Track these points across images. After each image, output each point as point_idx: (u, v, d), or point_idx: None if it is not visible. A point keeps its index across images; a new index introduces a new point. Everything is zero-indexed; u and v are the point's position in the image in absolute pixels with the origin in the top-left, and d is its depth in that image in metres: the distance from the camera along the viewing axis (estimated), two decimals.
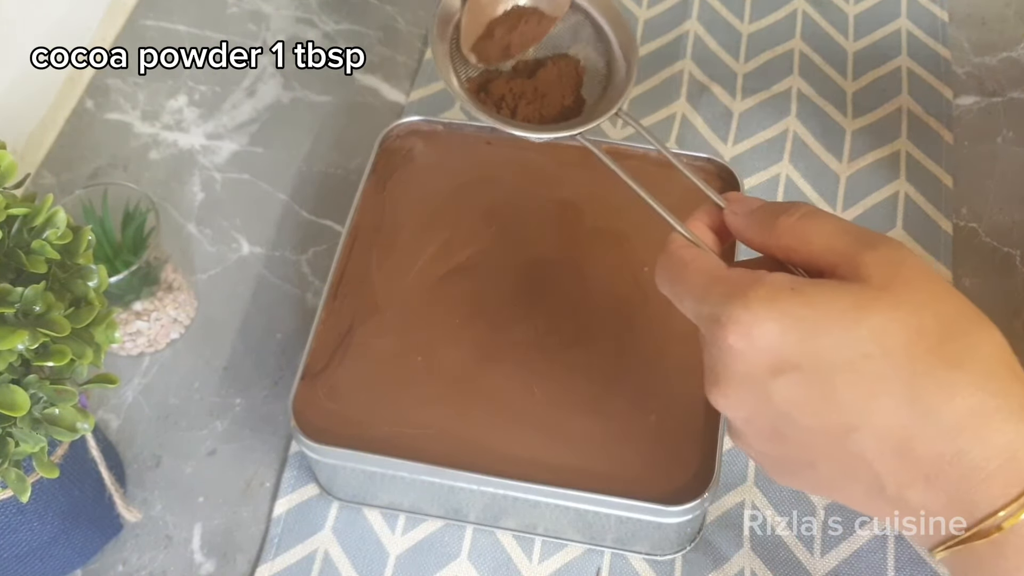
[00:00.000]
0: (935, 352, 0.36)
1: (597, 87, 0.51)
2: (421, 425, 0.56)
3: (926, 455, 0.36)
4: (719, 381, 0.39)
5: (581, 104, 0.51)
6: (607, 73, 0.51)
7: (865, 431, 0.36)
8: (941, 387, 0.35)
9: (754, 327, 0.37)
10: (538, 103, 0.50)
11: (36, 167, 0.76)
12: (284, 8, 0.85)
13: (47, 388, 0.45)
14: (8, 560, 0.55)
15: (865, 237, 0.38)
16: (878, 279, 0.37)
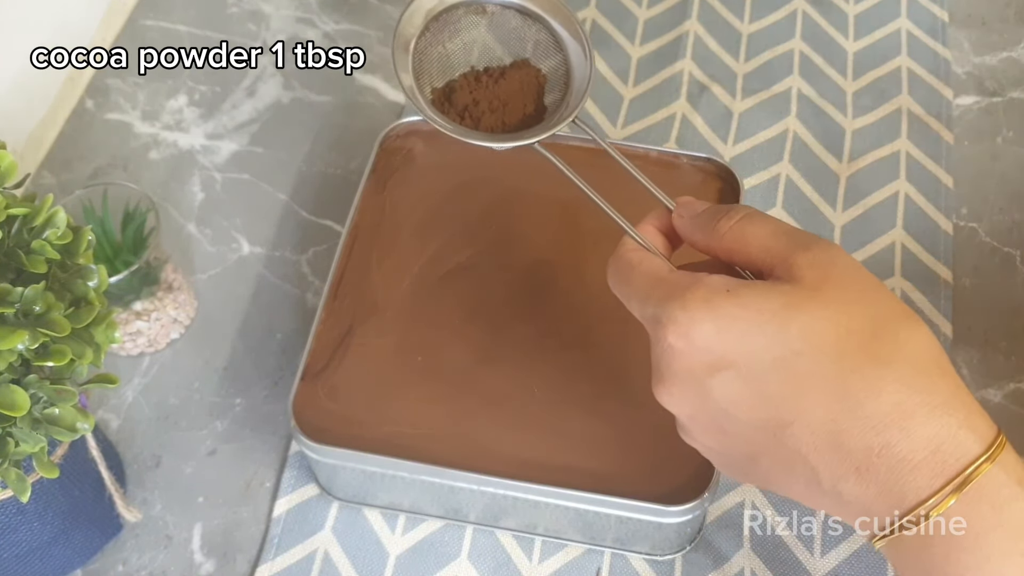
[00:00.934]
0: (864, 349, 0.37)
1: (558, 94, 0.52)
2: (421, 425, 0.56)
3: (856, 448, 0.37)
4: (663, 379, 0.41)
5: (543, 111, 0.52)
6: (567, 81, 0.52)
7: (798, 426, 0.38)
8: (869, 383, 0.37)
9: (692, 327, 0.38)
10: (500, 112, 0.51)
11: (36, 167, 0.76)
12: (284, 8, 0.85)
13: (47, 388, 0.45)
14: (8, 560, 0.55)
15: (799, 239, 0.40)
16: (810, 280, 0.38)
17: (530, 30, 0.52)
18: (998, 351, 0.66)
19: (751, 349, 0.38)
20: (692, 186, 0.64)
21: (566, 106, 0.51)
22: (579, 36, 0.51)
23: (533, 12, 0.52)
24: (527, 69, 0.52)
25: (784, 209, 0.72)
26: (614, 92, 0.79)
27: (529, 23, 0.52)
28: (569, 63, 0.52)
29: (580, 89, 0.51)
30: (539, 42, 0.52)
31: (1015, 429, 0.63)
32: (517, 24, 0.52)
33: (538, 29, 0.52)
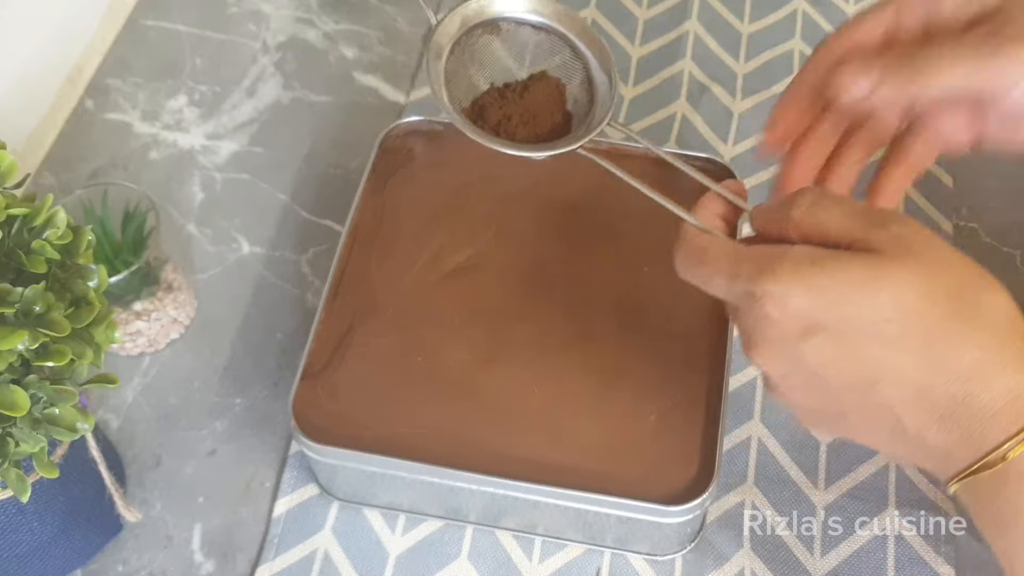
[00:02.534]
0: (948, 312, 0.40)
1: (583, 100, 0.53)
2: (421, 425, 0.56)
3: (940, 399, 0.40)
4: (757, 345, 0.43)
5: (569, 119, 0.53)
6: (589, 87, 0.53)
7: (886, 383, 0.41)
8: (953, 342, 0.40)
9: (786, 298, 0.41)
10: (531, 124, 0.52)
11: (36, 167, 0.76)
12: (284, 8, 0.85)
13: (47, 388, 0.45)
14: (8, 560, 0.55)
15: (875, 217, 0.42)
16: (892, 251, 0.41)
17: (547, 42, 0.53)
18: None
19: (842, 316, 0.41)
20: (692, 186, 0.64)
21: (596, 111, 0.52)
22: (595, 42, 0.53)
23: (548, 26, 0.53)
24: (547, 80, 0.53)
25: None
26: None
27: (545, 35, 0.53)
28: (588, 68, 0.53)
29: (606, 93, 0.52)
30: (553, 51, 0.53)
31: None
32: (533, 37, 0.53)
33: (554, 40, 0.53)
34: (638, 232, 0.62)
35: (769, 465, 0.62)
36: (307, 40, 0.83)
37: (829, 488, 0.61)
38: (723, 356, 0.57)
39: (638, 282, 0.60)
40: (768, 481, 0.61)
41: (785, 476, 0.62)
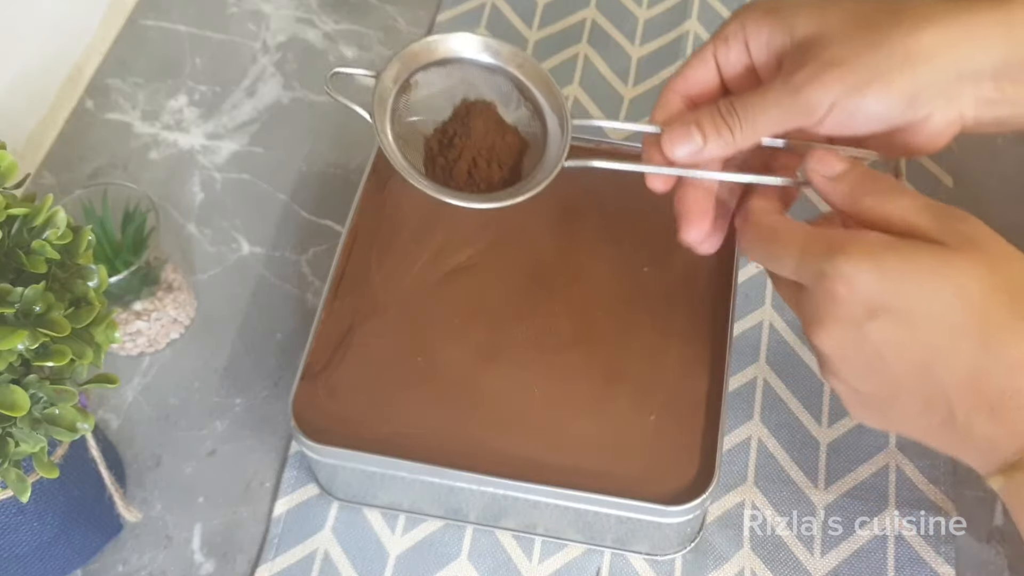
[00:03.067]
0: (1007, 306, 0.41)
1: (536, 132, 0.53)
2: (421, 425, 0.56)
3: (992, 389, 0.41)
4: (824, 323, 0.44)
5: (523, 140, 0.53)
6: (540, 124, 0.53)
7: (942, 367, 0.42)
8: (1009, 335, 0.41)
9: (857, 276, 0.42)
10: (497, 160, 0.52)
11: (36, 167, 0.76)
12: (284, 8, 0.85)
13: (47, 388, 0.45)
14: (8, 560, 0.55)
15: (941, 213, 0.44)
16: (958, 244, 0.42)
17: (494, 83, 0.53)
18: None
19: (908, 299, 0.42)
20: None
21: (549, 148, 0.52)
22: (542, 80, 0.52)
23: (495, 66, 0.53)
24: (482, 108, 0.53)
25: None
26: (614, 92, 0.79)
27: (491, 76, 0.53)
28: (538, 107, 0.53)
29: (557, 131, 0.52)
30: (502, 93, 0.53)
31: None
32: (480, 79, 0.53)
33: (500, 81, 0.53)
34: (638, 232, 0.62)
35: (769, 465, 0.62)
36: (307, 40, 0.83)
37: (829, 488, 0.61)
38: (723, 356, 0.57)
39: (638, 282, 0.60)
40: (768, 481, 0.61)
41: (785, 476, 0.62)
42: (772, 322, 0.67)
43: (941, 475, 0.61)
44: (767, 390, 0.64)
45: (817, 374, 0.65)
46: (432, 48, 0.52)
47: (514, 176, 0.52)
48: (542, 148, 0.52)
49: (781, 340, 0.66)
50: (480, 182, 0.52)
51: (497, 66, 0.53)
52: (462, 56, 0.53)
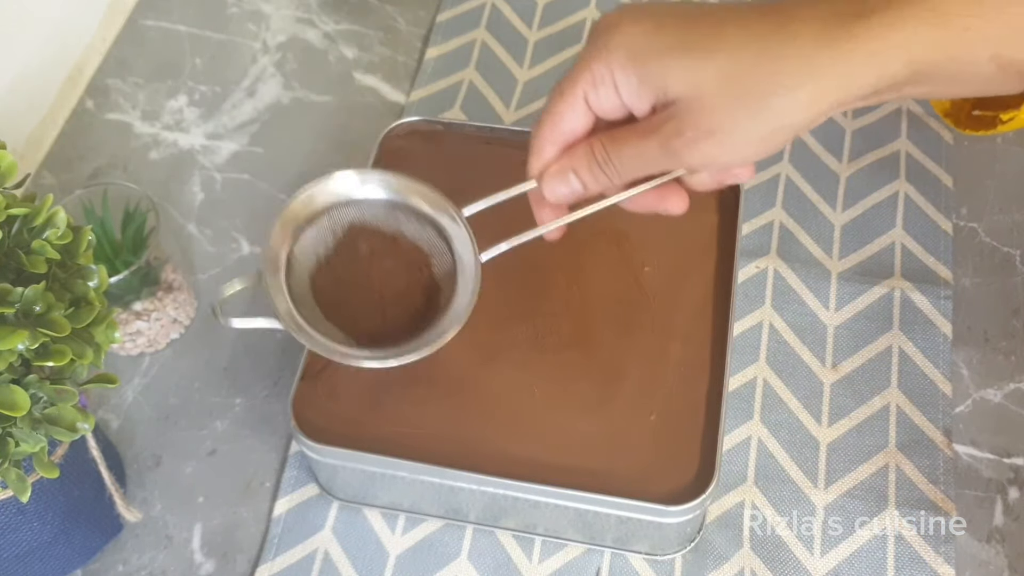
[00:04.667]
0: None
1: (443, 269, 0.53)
2: (421, 425, 0.56)
3: None
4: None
5: (425, 255, 0.53)
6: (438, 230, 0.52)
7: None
8: None
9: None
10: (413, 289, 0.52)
11: (36, 167, 0.76)
12: (284, 8, 0.85)
13: (47, 388, 0.45)
14: (8, 560, 0.55)
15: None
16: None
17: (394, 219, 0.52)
18: (998, 351, 0.66)
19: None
20: None
21: (460, 279, 0.51)
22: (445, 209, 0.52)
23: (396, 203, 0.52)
24: (368, 236, 0.52)
25: (784, 209, 0.72)
26: None
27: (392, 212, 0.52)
28: (446, 238, 0.52)
29: (470, 262, 0.51)
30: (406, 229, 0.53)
31: (1015, 429, 0.64)
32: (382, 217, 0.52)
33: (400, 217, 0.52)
34: (638, 232, 0.62)
35: (769, 465, 0.62)
36: (307, 40, 0.83)
37: (829, 488, 0.61)
38: (723, 356, 0.57)
39: (638, 282, 0.60)
40: (768, 481, 0.61)
41: (785, 476, 0.62)
42: (772, 322, 0.67)
43: (941, 475, 0.61)
44: (767, 390, 0.64)
45: (817, 374, 0.65)
46: (308, 202, 0.52)
47: (431, 296, 0.52)
48: (451, 261, 0.52)
49: (781, 340, 0.66)
50: (398, 315, 0.51)
51: (372, 199, 0.52)
52: (344, 198, 0.52)
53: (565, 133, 0.49)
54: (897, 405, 0.64)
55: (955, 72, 0.43)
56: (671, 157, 0.46)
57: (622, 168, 0.48)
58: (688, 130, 0.45)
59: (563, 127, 0.49)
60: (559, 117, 0.49)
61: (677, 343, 0.58)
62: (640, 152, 0.47)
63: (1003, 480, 0.61)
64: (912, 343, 0.66)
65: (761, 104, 0.44)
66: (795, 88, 0.43)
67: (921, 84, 0.43)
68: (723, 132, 0.45)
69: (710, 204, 0.63)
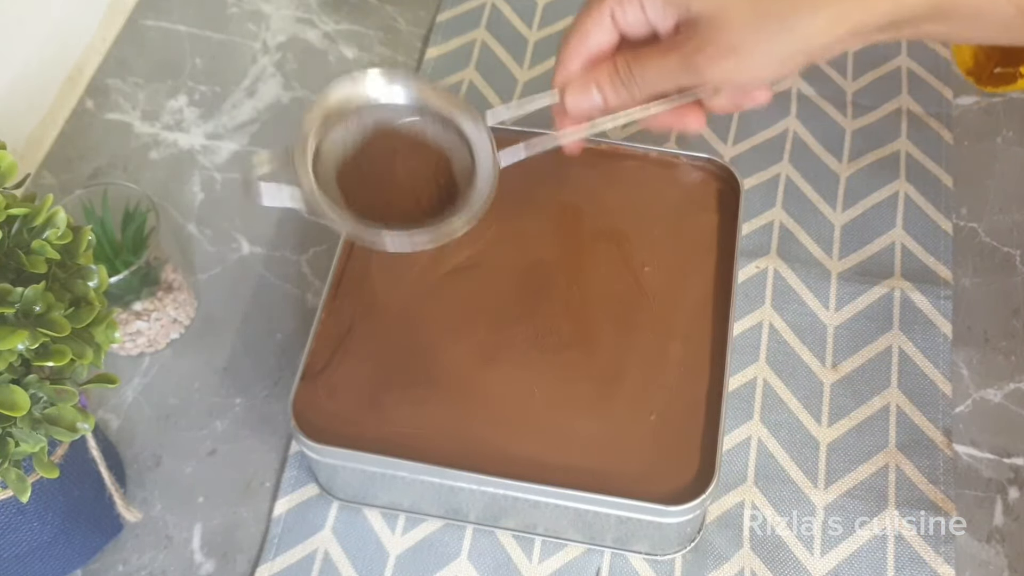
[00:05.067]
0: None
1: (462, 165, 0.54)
2: (421, 425, 0.56)
3: None
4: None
5: (446, 158, 0.54)
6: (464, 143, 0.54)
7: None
8: None
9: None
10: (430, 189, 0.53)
11: (36, 167, 0.76)
12: (284, 8, 0.85)
13: (47, 388, 0.45)
14: (8, 560, 0.55)
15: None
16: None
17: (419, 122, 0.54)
18: (998, 351, 0.66)
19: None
20: (692, 186, 0.64)
21: (478, 180, 0.53)
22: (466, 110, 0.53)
23: (418, 106, 0.54)
24: (394, 134, 0.53)
25: (784, 209, 0.72)
26: None
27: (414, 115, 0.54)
28: (467, 141, 0.53)
29: (487, 164, 0.53)
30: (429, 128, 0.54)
31: (1015, 429, 0.64)
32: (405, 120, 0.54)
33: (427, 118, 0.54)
34: (638, 232, 0.62)
35: (769, 465, 0.62)
36: (307, 40, 0.83)
37: (829, 488, 0.61)
38: (723, 356, 0.57)
39: (638, 282, 0.60)
40: (768, 481, 0.61)
41: (785, 476, 0.62)
42: (772, 322, 0.67)
43: (941, 475, 0.61)
44: (767, 390, 0.64)
45: (817, 374, 0.65)
46: (342, 97, 0.53)
47: (448, 197, 0.53)
48: (470, 164, 0.53)
49: (781, 340, 0.66)
50: (413, 210, 0.52)
51: (402, 104, 0.54)
52: (372, 97, 0.53)
53: (591, 48, 0.51)
54: (897, 405, 0.64)
55: (974, 11, 0.44)
56: (691, 73, 0.48)
57: (643, 84, 0.49)
58: (709, 46, 0.46)
59: (589, 42, 0.51)
60: (585, 32, 0.51)
61: (677, 343, 0.58)
62: (662, 68, 0.49)
63: (1003, 480, 0.61)
64: (912, 343, 0.66)
65: (782, 24, 0.45)
66: (816, 10, 0.44)
67: (940, 22, 0.44)
68: (743, 50, 0.46)
69: (710, 204, 0.63)
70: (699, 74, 0.47)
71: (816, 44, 0.46)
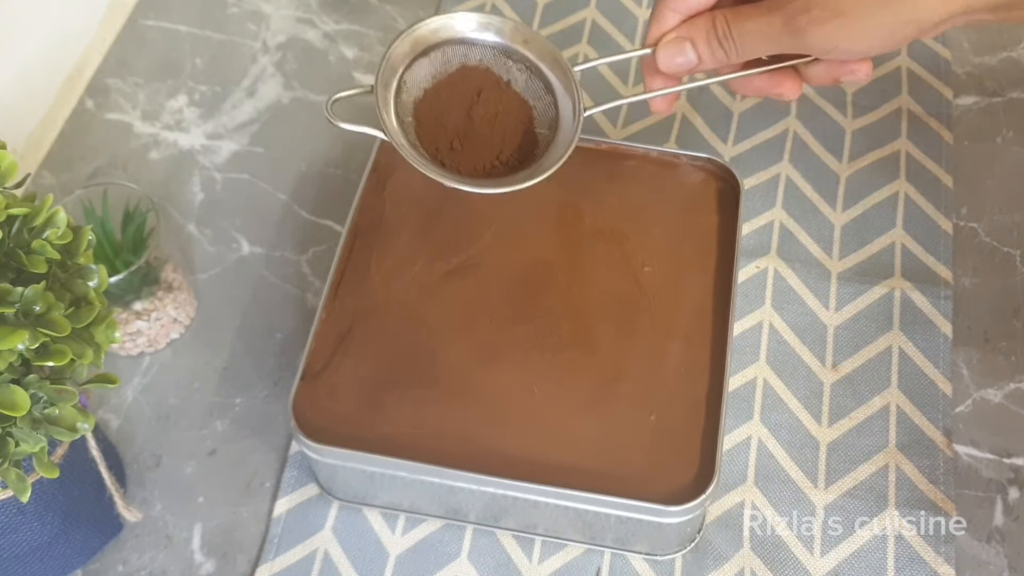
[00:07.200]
0: None
1: (547, 116, 0.54)
2: (421, 425, 0.56)
3: None
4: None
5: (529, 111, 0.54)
6: (553, 104, 0.53)
7: None
8: None
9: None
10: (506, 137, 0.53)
11: (36, 167, 0.76)
12: (284, 8, 0.85)
13: (47, 388, 0.45)
14: (8, 560, 0.55)
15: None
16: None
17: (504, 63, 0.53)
18: (998, 351, 0.66)
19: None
20: (692, 186, 0.64)
21: (560, 132, 0.52)
22: (553, 59, 0.53)
23: (503, 46, 0.53)
24: (482, 74, 0.53)
25: (784, 209, 0.72)
26: (614, 92, 0.79)
27: (500, 56, 0.54)
28: (548, 83, 0.53)
29: (569, 115, 0.52)
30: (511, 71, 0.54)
31: (1015, 429, 0.64)
32: (490, 59, 0.54)
33: (511, 61, 0.53)
34: (638, 232, 0.62)
35: (769, 465, 0.62)
36: (307, 40, 0.83)
37: (829, 488, 0.61)
38: (723, 356, 0.57)
39: (638, 282, 0.60)
40: (768, 481, 0.61)
41: (785, 476, 0.62)
42: (772, 322, 0.67)
43: (941, 475, 0.61)
44: (767, 390, 0.64)
45: (817, 374, 0.65)
46: (430, 33, 0.53)
47: (527, 145, 0.53)
48: (553, 112, 0.52)
49: (781, 340, 0.66)
50: (490, 158, 0.52)
51: (499, 43, 0.53)
52: (462, 36, 0.53)
53: (689, 3, 0.49)
54: (897, 405, 0.64)
55: None
56: (794, 36, 0.46)
57: (741, 44, 0.48)
58: (816, 8, 0.44)
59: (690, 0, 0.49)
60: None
61: (677, 343, 0.58)
62: (762, 28, 0.47)
63: (1003, 480, 0.61)
64: (912, 343, 0.66)
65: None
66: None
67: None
68: (851, 16, 0.44)
69: (710, 204, 0.63)
70: (801, 38, 0.45)
71: (928, 17, 0.44)
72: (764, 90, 0.51)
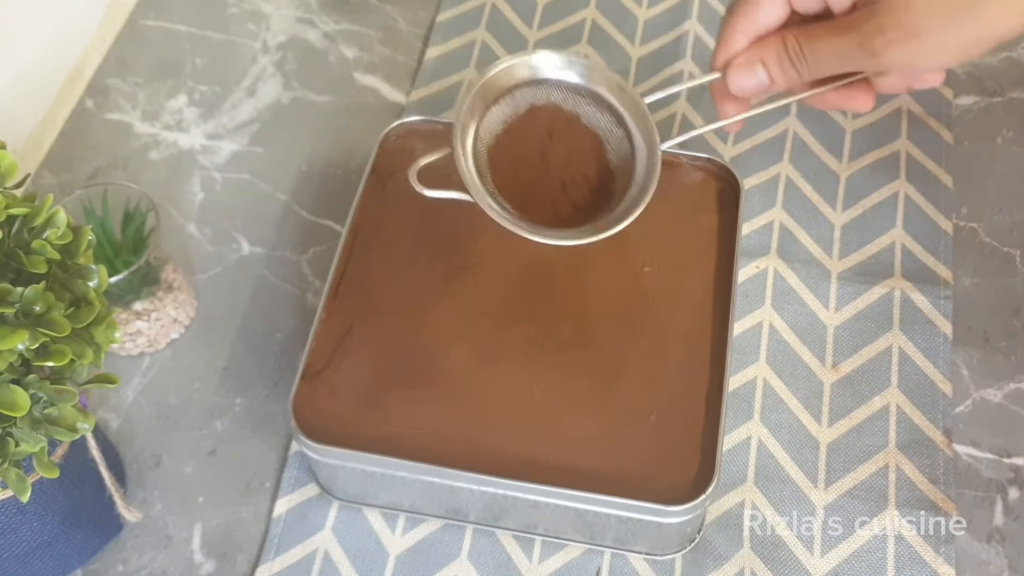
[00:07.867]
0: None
1: (621, 161, 0.54)
2: (421, 425, 0.56)
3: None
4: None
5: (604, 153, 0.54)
6: (629, 149, 0.54)
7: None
8: None
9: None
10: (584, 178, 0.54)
11: (36, 167, 0.76)
12: (284, 8, 0.85)
13: (47, 388, 0.45)
14: (8, 560, 0.55)
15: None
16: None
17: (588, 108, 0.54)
18: (998, 351, 0.66)
19: None
20: (692, 186, 0.64)
21: (636, 178, 0.53)
22: (635, 107, 0.53)
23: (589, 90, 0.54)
24: (564, 118, 0.54)
25: (784, 209, 0.72)
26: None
27: (584, 100, 0.54)
28: (628, 131, 0.54)
29: (643, 160, 0.53)
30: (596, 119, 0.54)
31: (1015, 429, 0.64)
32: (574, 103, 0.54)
33: (594, 107, 0.54)
34: (638, 232, 0.62)
35: (769, 465, 0.62)
36: (307, 40, 0.83)
37: (829, 488, 0.61)
38: (723, 356, 0.57)
39: (638, 282, 0.60)
40: (768, 481, 0.61)
41: (785, 476, 0.62)
42: (772, 322, 0.67)
43: (941, 475, 0.61)
44: (767, 390, 0.64)
45: (817, 374, 0.65)
46: (505, 75, 0.53)
47: (603, 188, 0.53)
48: (627, 147, 0.53)
49: (781, 340, 0.66)
50: (566, 206, 0.53)
51: (581, 85, 0.53)
52: (541, 77, 0.53)
53: (758, 24, 0.49)
54: (897, 405, 0.64)
55: None
56: (868, 57, 0.45)
57: (814, 64, 0.47)
58: (891, 29, 0.44)
59: (758, 18, 0.48)
60: (755, 7, 0.48)
61: (677, 343, 0.58)
62: (836, 48, 0.46)
63: (1003, 480, 0.61)
64: (912, 343, 0.66)
65: (969, 10, 0.43)
66: (1004, 4, 0.42)
67: None
68: (926, 35, 0.44)
69: (710, 204, 0.63)
70: (876, 58, 0.45)
71: (1006, 29, 0.43)
72: (837, 104, 0.51)
